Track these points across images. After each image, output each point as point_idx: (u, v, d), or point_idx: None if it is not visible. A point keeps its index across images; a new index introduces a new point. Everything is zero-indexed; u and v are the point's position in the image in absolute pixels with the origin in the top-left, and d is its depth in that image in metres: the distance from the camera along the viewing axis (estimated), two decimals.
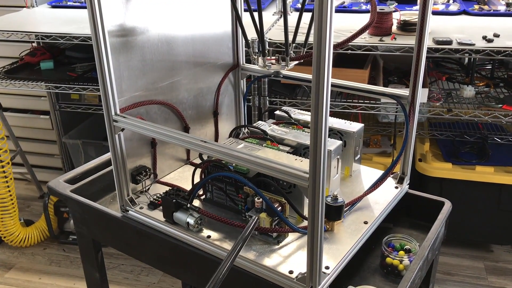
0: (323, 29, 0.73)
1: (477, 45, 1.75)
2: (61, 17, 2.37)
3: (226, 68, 1.41)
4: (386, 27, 1.90)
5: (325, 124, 0.78)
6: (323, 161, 0.80)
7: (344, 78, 1.97)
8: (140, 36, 1.13)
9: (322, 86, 0.76)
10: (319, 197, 0.83)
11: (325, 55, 0.74)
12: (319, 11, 0.71)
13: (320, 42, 0.74)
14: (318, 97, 0.76)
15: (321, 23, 0.72)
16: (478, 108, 1.90)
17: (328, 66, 0.76)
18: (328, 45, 0.74)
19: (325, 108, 0.77)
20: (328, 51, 0.74)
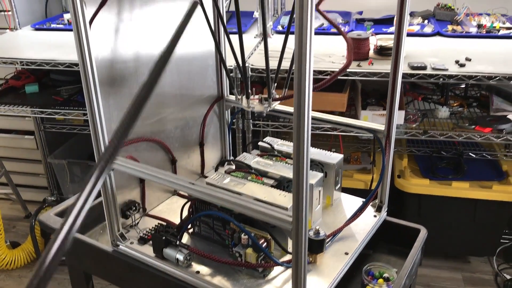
0: (302, 98, 0.78)
1: (450, 69, 1.83)
2: (45, 41, 2.39)
3: (211, 100, 1.46)
4: (363, 52, 1.97)
5: (306, 165, 0.84)
6: (305, 215, 0.85)
7: (324, 102, 2.06)
8: (130, 78, 1.17)
9: (303, 123, 0.81)
10: (302, 238, 0.89)
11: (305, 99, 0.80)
12: (299, 58, 0.77)
13: (299, 110, 0.79)
14: (299, 142, 0.82)
15: (300, 73, 0.78)
16: (453, 129, 1.98)
17: (308, 107, 0.81)
18: (307, 115, 0.80)
19: (306, 150, 0.83)
20: (308, 97, 0.80)
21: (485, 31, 2.26)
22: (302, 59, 0.77)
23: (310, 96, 0.81)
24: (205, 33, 1.33)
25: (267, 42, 1.10)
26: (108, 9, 1.08)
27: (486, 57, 1.97)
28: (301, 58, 0.77)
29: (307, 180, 0.85)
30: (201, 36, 1.36)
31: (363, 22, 2.52)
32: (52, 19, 2.75)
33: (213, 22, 1.36)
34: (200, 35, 1.35)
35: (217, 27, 1.36)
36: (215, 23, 1.37)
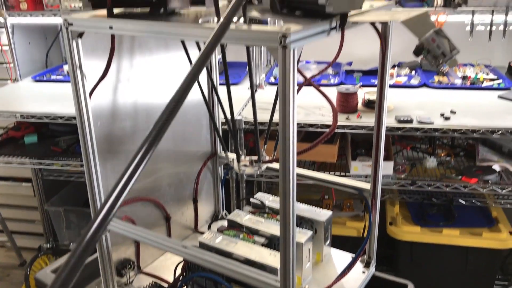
0: (287, 145, 0.84)
1: (436, 123, 1.90)
2: (45, 93, 2.47)
3: (205, 156, 1.52)
4: (352, 106, 2.05)
5: (293, 228, 0.88)
6: (292, 270, 0.90)
7: (314, 153, 2.12)
8: (125, 141, 1.23)
9: (288, 186, 0.86)
10: None
11: (289, 166, 0.85)
12: (283, 128, 0.83)
13: (285, 158, 0.85)
14: (285, 205, 0.87)
15: (285, 145, 0.84)
16: (441, 179, 2.04)
17: (293, 175, 0.87)
18: (292, 162, 0.85)
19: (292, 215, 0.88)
20: (292, 164, 0.85)
21: (469, 83, 2.36)
22: (287, 134, 0.84)
23: (295, 162, 0.87)
24: (198, 97, 1.40)
25: (255, 110, 1.16)
26: (107, 82, 1.15)
27: (471, 109, 2.05)
28: (285, 130, 0.84)
29: (294, 241, 0.90)
30: (196, 94, 1.43)
31: (353, 73, 2.61)
32: (52, 70, 2.84)
33: (207, 87, 1.44)
34: (194, 94, 1.42)
35: (211, 94, 1.44)
36: (209, 88, 1.44)
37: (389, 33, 1.13)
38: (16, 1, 2.54)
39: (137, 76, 1.25)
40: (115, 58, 1.14)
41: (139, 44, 1.23)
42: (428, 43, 0.85)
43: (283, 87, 0.81)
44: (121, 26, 0.95)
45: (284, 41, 0.78)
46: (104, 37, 1.10)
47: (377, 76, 1.22)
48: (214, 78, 1.37)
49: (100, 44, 1.11)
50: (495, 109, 2.06)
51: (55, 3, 2.52)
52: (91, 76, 1.09)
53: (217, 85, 1.38)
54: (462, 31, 2.37)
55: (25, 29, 2.83)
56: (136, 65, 1.24)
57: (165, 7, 0.98)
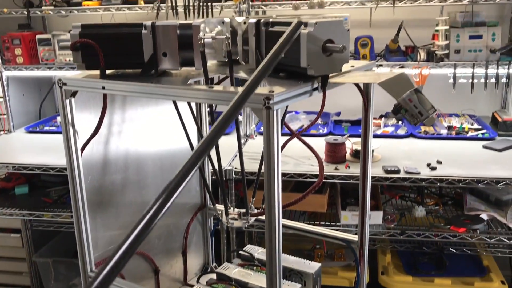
0: (272, 203, 0.87)
1: (422, 173, 1.94)
2: (37, 144, 2.49)
3: (194, 208, 1.54)
4: (340, 156, 2.09)
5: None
6: None
7: (305, 203, 2.14)
8: (116, 194, 1.25)
9: (274, 244, 0.88)
10: None
11: (275, 217, 0.87)
12: (269, 183, 0.86)
13: (271, 210, 0.87)
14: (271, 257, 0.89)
15: (269, 201, 0.86)
16: (430, 229, 2.06)
17: (279, 227, 0.88)
18: (277, 214, 0.87)
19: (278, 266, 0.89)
20: (277, 216, 0.87)
21: (455, 133, 2.41)
22: (271, 187, 0.86)
23: (280, 216, 0.89)
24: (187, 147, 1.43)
25: (243, 166, 1.19)
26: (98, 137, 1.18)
27: (456, 159, 2.09)
28: (270, 184, 0.86)
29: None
30: (185, 145, 1.46)
31: (341, 123, 2.67)
32: (46, 121, 2.88)
33: (197, 139, 1.47)
34: (184, 145, 1.45)
35: None
36: (199, 140, 1.48)
37: (371, 90, 1.18)
38: (13, 56, 2.61)
39: (129, 129, 1.28)
40: (107, 113, 1.17)
41: (131, 100, 1.28)
42: (406, 103, 0.89)
43: (268, 145, 0.84)
44: (113, 87, 1.00)
45: (268, 102, 0.82)
46: (96, 95, 1.14)
47: (361, 128, 1.26)
48: (203, 130, 1.40)
49: (92, 100, 1.15)
50: (480, 159, 2.11)
51: (50, 57, 2.59)
52: (83, 132, 1.12)
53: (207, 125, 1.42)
54: (446, 83, 2.46)
55: (20, 81, 2.89)
56: (128, 119, 1.28)
57: (156, 69, 1.03)
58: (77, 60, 1.02)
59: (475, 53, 2.30)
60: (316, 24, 0.89)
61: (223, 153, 1.26)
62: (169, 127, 1.39)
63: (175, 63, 1.01)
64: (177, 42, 1.00)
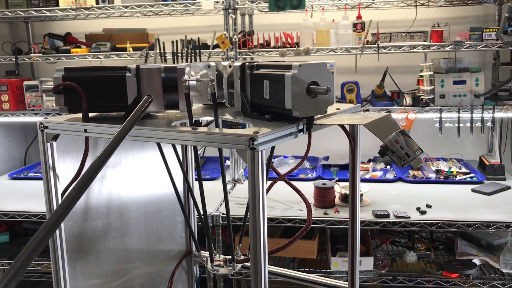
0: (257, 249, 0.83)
1: (412, 217, 1.91)
2: (20, 191, 2.44)
3: (179, 255, 1.49)
4: (329, 200, 2.06)
5: None
6: None
7: (294, 249, 2.10)
8: (97, 241, 1.20)
9: None
10: None
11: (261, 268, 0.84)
12: (254, 227, 0.82)
13: (256, 260, 0.84)
14: None
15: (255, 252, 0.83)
16: (422, 275, 2.01)
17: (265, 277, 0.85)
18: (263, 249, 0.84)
19: None
20: (263, 252, 0.84)
21: (443, 177, 2.41)
22: (256, 231, 0.83)
23: (266, 262, 0.85)
24: (173, 195, 1.40)
25: (229, 211, 1.16)
26: None
27: (446, 203, 2.08)
28: (255, 229, 0.83)
29: None
30: (170, 192, 1.43)
31: (330, 167, 2.66)
32: (30, 167, 2.83)
33: (183, 186, 1.45)
34: (169, 191, 1.42)
35: (186, 192, 1.44)
36: (184, 187, 1.45)
37: (357, 132, 1.18)
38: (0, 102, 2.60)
39: (112, 174, 1.25)
40: (89, 158, 1.15)
41: None
42: (392, 144, 0.88)
43: (252, 187, 0.82)
44: (96, 129, 0.98)
45: (252, 143, 0.80)
46: (79, 137, 1.12)
47: (349, 171, 1.25)
48: (189, 177, 1.38)
49: (75, 144, 1.13)
50: (469, 203, 2.09)
51: (37, 103, 2.58)
52: (64, 176, 1.10)
53: (193, 183, 1.39)
54: (432, 127, 2.48)
55: (6, 127, 2.86)
56: (112, 164, 1.25)
57: None
58: (59, 103, 1.01)
59: (459, 98, 2.34)
60: (300, 66, 0.89)
61: (210, 198, 1.24)
62: (154, 172, 1.37)
63: (160, 106, 1.00)
64: (162, 85, 1.00)
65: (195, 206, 1.26)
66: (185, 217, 1.41)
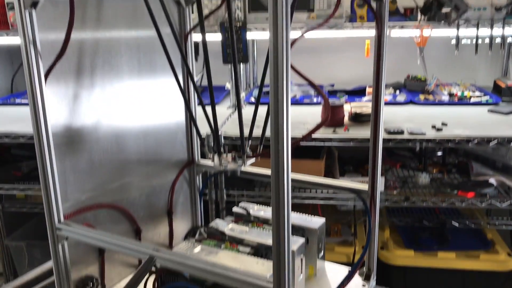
0: (280, 124, 0.70)
1: (428, 134, 1.79)
2: (8, 115, 2.29)
3: (181, 165, 1.36)
4: (338, 119, 1.93)
5: (287, 228, 0.73)
6: (287, 271, 0.73)
7: (300, 170, 1.96)
8: (88, 137, 1.07)
9: (282, 185, 0.72)
10: None
11: (283, 151, 0.71)
12: (275, 105, 0.69)
13: (278, 137, 0.71)
14: (278, 198, 0.72)
15: (277, 117, 0.70)
16: (435, 195, 1.91)
17: (287, 163, 0.72)
18: (286, 141, 0.71)
19: (287, 208, 0.73)
20: (286, 146, 0.71)
21: (457, 99, 2.28)
22: (279, 107, 0.70)
23: (289, 149, 0.72)
24: (174, 92, 1.26)
25: (239, 92, 1.02)
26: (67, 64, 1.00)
27: (462, 122, 1.95)
28: (277, 108, 0.70)
29: (289, 244, 0.74)
30: (170, 96, 1.28)
31: (336, 93, 2.52)
32: (18, 95, 2.67)
33: (182, 80, 1.30)
34: (168, 95, 1.28)
35: (186, 84, 1.30)
36: (184, 80, 1.30)
37: (385, 11, 1.03)
38: None
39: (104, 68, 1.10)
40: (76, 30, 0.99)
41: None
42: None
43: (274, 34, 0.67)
44: None
45: None
46: (63, 12, 0.95)
47: (373, 64, 1.10)
48: (191, 68, 1.23)
49: (59, 21, 0.97)
50: (487, 121, 1.97)
51: None
52: (47, 55, 0.94)
53: (194, 77, 1.24)
54: (447, 47, 2.32)
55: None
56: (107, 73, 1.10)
57: None
58: None
59: (479, 11, 2.16)
60: None
61: None
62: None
63: None
64: None
65: (199, 98, 1.11)
66: (192, 120, 1.27)
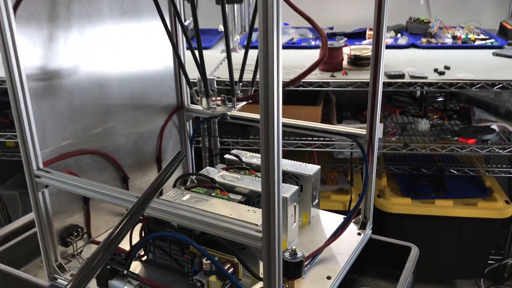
0: (270, 65, 0.63)
1: (430, 78, 1.71)
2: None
3: (170, 109, 1.29)
4: (337, 63, 1.84)
5: (278, 173, 0.67)
6: (277, 219, 0.68)
7: (296, 116, 1.89)
8: (67, 79, 0.99)
9: (272, 128, 0.65)
10: (275, 260, 0.71)
11: (273, 93, 0.64)
12: (264, 46, 0.62)
13: (267, 79, 0.64)
14: (268, 142, 0.66)
15: (267, 58, 0.63)
16: (435, 141, 1.86)
17: (278, 105, 0.66)
18: (276, 83, 0.64)
19: (277, 152, 0.67)
20: (276, 89, 0.64)
21: (460, 42, 2.18)
22: (269, 49, 0.62)
23: (280, 92, 0.65)
24: (162, 35, 1.17)
25: (228, 36, 0.94)
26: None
27: (465, 65, 1.87)
28: (267, 49, 0.62)
29: (279, 191, 0.68)
30: (157, 39, 1.20)
31: (335, 36, 2.41)
32: None
33: (170, 22, 1.21)
34: (155, 38, 1.19)
35: (174, 26, 1.21)
36: (172, 22, 1.21)
37: None
38: None
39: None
40: None
41: None
42: None
43: None
44: None
45: None
46: None
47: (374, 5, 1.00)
48: (179, 8, 1.14)
49: None
50: (491, 65, 1.89)
51: None
52: None
53: (184, 19, 1.15)
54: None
55: None
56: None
57: None
58: None
59: None
60: None
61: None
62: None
63: None
64: None
65: (187, 41, 1.03)
66: (180, 62, 1.19)
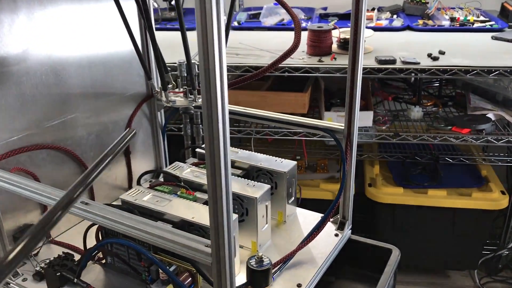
0: (210, 48, 0.55)
1: (422, 63, 1.62)
2: None
3: (139, 99, 1.21)
4: (325, 47, 1.75)
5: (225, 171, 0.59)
6: (228, 236, 0.61)
7: (283, 103, 1.82)
8: (15, 67, 0.91)
9: (216, 120, 0.57)
10: (226, 274, 0.64)
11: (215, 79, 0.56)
12: (202, 27, 0.53)
13: (207, 62, 0.56)
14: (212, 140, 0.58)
15: (206, 41, 0.54)
16: (427, 130, 1.77)
17: (222, 94, 0.57)
18: (219, 67, 0.56)
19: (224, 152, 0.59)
20: (220, 76, 0.56)
21: (458, 24, 2.07)
22: (208, 31, 0.54)
23: (225, 76, 0.57)
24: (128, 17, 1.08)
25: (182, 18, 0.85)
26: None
27: (461, 50, 1.77)
28: (205, 31, 0.53)
29: (230, 212, 0.61)
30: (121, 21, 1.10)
31: (327, 17, 2.31)
32: None
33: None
34: (119, 20, 1.10)
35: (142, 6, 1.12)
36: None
37: None
38: None
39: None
40: None
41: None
42: None
43: None
44: None
45: None
46: None
47: None
48: None
49: None
50: (489, 49, 1.79)
51: None
52: None
53: None
54: None
55: None
56: None
57: None
58: None
59: None
60: None
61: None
62: None
63: None
64: None
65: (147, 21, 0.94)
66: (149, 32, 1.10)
